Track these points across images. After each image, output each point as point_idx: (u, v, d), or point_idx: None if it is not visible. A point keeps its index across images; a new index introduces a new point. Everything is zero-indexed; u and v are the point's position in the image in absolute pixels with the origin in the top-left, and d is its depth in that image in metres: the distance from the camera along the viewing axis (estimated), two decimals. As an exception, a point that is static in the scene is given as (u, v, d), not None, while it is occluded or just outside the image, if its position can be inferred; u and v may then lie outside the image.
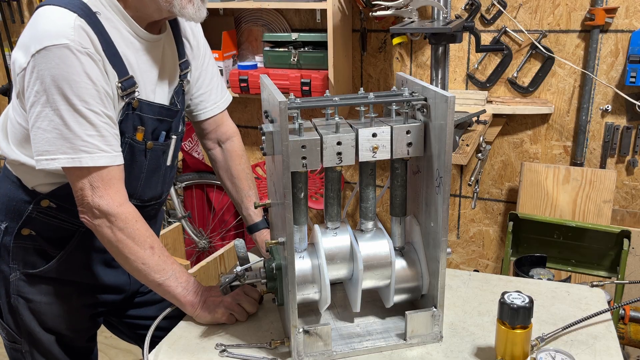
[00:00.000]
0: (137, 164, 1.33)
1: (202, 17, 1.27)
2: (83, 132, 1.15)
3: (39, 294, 1.39)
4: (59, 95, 1.13)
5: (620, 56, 2.34)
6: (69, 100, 1.13)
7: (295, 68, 2.66)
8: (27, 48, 1.13)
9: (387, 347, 1.19)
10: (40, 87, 1.13)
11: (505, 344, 1.11)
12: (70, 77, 1.13)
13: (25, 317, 1.40)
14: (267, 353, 1.20)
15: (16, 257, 1.36)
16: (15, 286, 1.38)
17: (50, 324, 1.42)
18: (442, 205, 1.11)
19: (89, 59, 1.14)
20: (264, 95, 1.22)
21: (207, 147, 1.59)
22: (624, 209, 2.50)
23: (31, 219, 1.33)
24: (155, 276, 1.24)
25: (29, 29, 1.17)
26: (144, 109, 1.29)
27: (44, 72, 1.12)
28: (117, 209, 1.19)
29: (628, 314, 1.96)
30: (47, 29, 1.13)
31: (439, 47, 2.14)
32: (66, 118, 1.14)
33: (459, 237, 2.89)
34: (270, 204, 1.29)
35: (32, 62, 1.12)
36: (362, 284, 1.20)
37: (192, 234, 3.11)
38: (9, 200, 1.35)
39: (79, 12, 1.15)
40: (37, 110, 1.14)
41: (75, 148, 1.15)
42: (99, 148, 1.17)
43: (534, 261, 1.84)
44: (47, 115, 1.14)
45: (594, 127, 2.47)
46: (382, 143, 1.12)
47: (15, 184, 1.34)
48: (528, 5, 2.43)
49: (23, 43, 1.16)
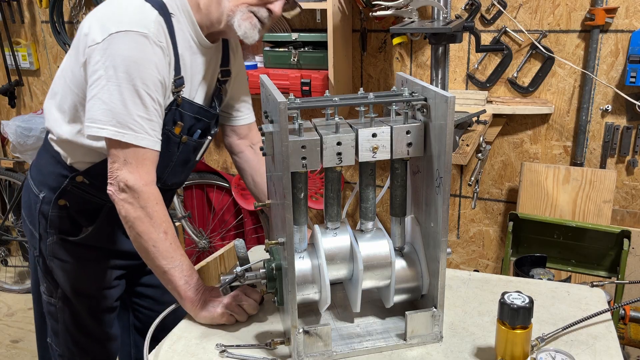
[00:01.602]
0: (169, 153, 1.44)
1: (254, 39, 1.39)
2: (136, 111, 1.25)
3: (70, 257, 1.52)
4: (125, 74, 1.23)
5: (620, 56, 2.34)
6: (133, 81, 1.24)
7: (295, 68, 2.66)
8: (106, 26, 1.25)
9: (387, 347, 1.19)
10: (110, 63, 1.23)
11: (505, 344, 1.11)
12: (140, 61, 1.24)
13: (59, 278, 1.54)
14: (267, 353, 1.20)
15: (52, 225, 1.50)
16: (51, 249, 1.52)
17: (80, 285, 1.55)
18: (442, 206, 1.11)
19: (160, 52, 1.27)
20: (263, 96, 1.22)
21: (237, 150, 1.69)
22: (624, 209, 2.50)
23: (66, 191, 1.46)
24: (162, 262, 1.28)
25: (109, 10, 1.29)
26: (186, 107, 1.40)
27: (118, 51, 1.23)
28: (142, 187, 1.27)
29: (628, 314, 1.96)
30: (130, 15, 1.26)
31: (439, 47, 2.14)
32: (125, 95, 1.24)
33: (459, 237, 2.89)
34: (270, 204, 1.29)
35: (109, 39, 1.23)
36: (362, 284, 1.20)
37: (192, 234, 3.11)
38: (49, 173, 1.49)
39: (160, 10, 1.29)
40: (102, 83, 1.24)
41: (124, 124, 1.24)
42: (144, 130, 1.27)
43: (534, 261, 1.84)
44: (109, 89, 1.24)
45: (594, 127, 2.47)
46: (382, 143, 1.12)
47: (54, 158, 1.47)
48: (528, 5, 2.43)
49: (101, 21, 1.27)
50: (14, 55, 3.46)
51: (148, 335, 1.22)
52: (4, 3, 3.37)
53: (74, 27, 3.28)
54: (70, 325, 1.59)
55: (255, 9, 1.36)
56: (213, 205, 3.13)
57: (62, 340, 1.60)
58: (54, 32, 3.24)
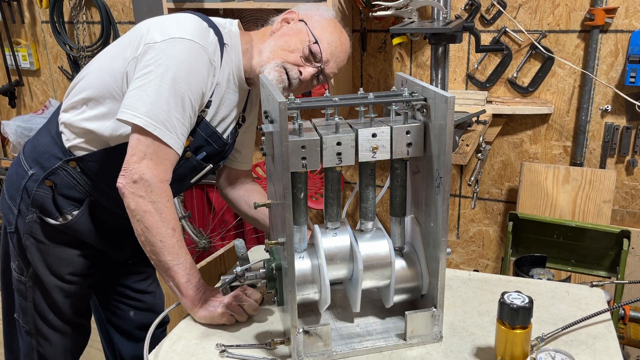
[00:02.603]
0: None
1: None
2: (174, 111, 1.29)
3: (47, 238, 1.53)
4: (175, 75, 1.29)
5: (620, 56, 2.34)
6: (180, 84, 1.29)
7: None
8: (167, 31, 1.33)
9: (387, 347, 1.19)
10: (164, 62, 1.29)
11: (505, 344, 1.11)
12: (192, 69, 1.32)
13: (33, 256, 1.54)
14: (267, 353, 1.20)
15: (35, 203, 1.50)
16: (29, 227, 1.52)
17: (55, 267, 1.55)
18: (442, 205, 1.11)
19: (212, 69, 1.37)
20: (263, 95, 1.22)
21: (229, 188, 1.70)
22: (624, 209, 2.50)
23: (56, 172, 1.47)
24: (167, 257, 1.28)
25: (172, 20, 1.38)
26: (202, 126, 1.44)
27: (175, 53, 1.30)
28: (158, 182, 1.28)
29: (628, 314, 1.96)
30: (194, 30, 1.35)
31: (438, 47, 2.14)
32: (169, 94, 1.28)
33: (458, 237, 2.89)
34: (270, 204, 1.30)
35: (169, 41, 1.31)
36: (362, 284, 1.20)
37: (192, 234, 3.11)
38: (43, 152, 1.50)
39: (219, 37, 1.41)
40: (150, 78, 1.29)
41: (159, 118, 1.27)
42: (175, 131, 1.30)
43: (533, 261, 1.84)
44: (156, 84, 1.28)
45: (594, 127, 2.47)
46: (382, 143, 1.12)
47: (53, 138, 1.50)
48: (528, 6, 2.43)
49: (162, 26, 1.36)
50: (14, 55, 3.46)
51: (148, 335, 1.22)
52: (4, 3, 3.38)
53: (74, 27, 3.28)
54: (40, 304, 1.59)
55: (289, 66, 1.44)
56: (213, 205, 3.13)
57: (30, 318, 1.60)
58: (54, 32, 3.24)
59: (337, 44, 1.48)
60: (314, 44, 1.43)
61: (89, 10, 3.24)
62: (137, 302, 1.81)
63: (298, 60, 1.44)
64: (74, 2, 3.20)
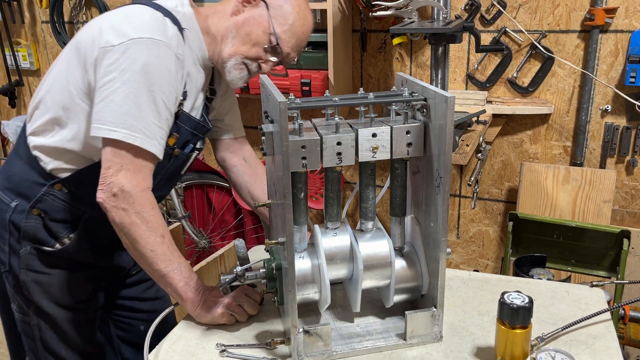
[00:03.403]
0: (159, 166, 1.38)
1: (237, 86, 1.46)
2: (151, 117, 1.24)
3: (47, 267, 1.45)
4: (144, 79, 1.22)
5: (620, 56, 2.34)
6: (150, 86, 1.23)
7: (295, 68, 2.66)
8: (123, 31, 1.24)
9: (387, 347, 1.19)
10: (128, 67, 1.22)
11: (505, 344, 1.11)
12: (160, 69, 1.24)
13: (33, 291, 1.45)
14: (267, 353, 1.20)
15: (26, 235, 1.42)
16: (25, 261, 1.44)
17: (58, 296, 1.47)
18: (442, 205, 1.11)
19: (180, 65, 1.30)
20: (264, 95, 1.22)
21: (230, 164, 1.67)
22: (624, 209, 2.50)
23: (42, 200, 1.39)
24: (161, 265, 1.26)
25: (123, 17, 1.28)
26: (184, 120, 1.40)
27: (138, 55, 1.22)
28: (139, 192, 1.24)
29: (628, 314, 1.96)
30: (152, 25, 1.27)
31: (438, 47, 2.14)
32: (141, 100, 1.22)
33: (458, 237, 2.89)
34: (270, 204, 1.30)
35: (128, 44, 1.22)
36: (362, 284, 1.20)
37: (192, 234, 3.11)
38: (22, 181, 1.42)
39: (178, 25, 1.32)
40: (116, 85, 1.22)
41: (137, 128, 1.22)
42: (155, 136, 1.26)
43: (533, 261, 1.84)
44: (124, 92, 1.21)
45: (594, 127, 2.47)
46: (382, 143, 1.12)
47: (27, 164, 1.41)
48: (528, 6, 2.43)
49: (116, 26, 1.26)
50: (14, 55, 3.46)
51: (148, 336, 1.22)
52: (4, 3, 3.38)
53: (74, 27, 3.28)
54: (49, 340, 1.51)
55: (249, 62, 1.41)
56: (213, 205, 3.13)
57: (42, 358, 1.53)
58: (54, 32, 3.24)
59: (300, 32, 1.42)
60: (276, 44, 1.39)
61: (89, 10, 3.24)
62: (147, 313, 1.72)
63: (259, 53, 1.40)
64: (74, 2, 3.20)
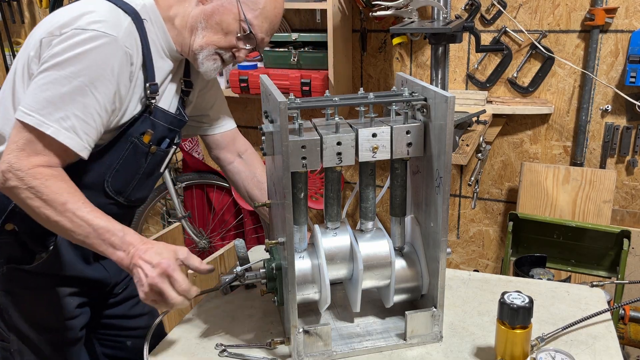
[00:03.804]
0: (136, 165, 1.35)
1: (211, 77, 1.41)
2: (72, 108, 1.16)
3: (26, 288, 1.37)
4: (77, 70, 1.15)
5: (620, 56, 2.34)
6: (81, 78, 1.16)
7: (295, 68, 2.66)
8: (68, 23, 1.18)
9: (387, 347, 1.19)
10: (62, 56, 1.16)
11: (505, 344, 1.11)
12: (97, 62, 1.17)
13: (13, 314, 1.38)
14: (267, 353, 1.20)
15: (2, 254, 1.34)
16: (2, 282, 1.36)
17: (38, 317, 1.40)
18: (442, 205, 1.11)
19: (126, 60, 1.21)
20: (264, 95, 1.22)
21: (226, 161, 1.62)
22: (624, 209, 2.50)
23: (15, 213, 1.29)
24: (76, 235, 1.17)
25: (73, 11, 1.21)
26: (158, 115, 1.35)
27: (75, 46, 1.16)
28: (30, 168, 1.14)
29: (628, 314, 1.96)
30: (101, 17, 1.19)
31: (439, 47, 2.14)
32: (67, 89, 1.15)
33: (459, 237, 2.89)
34: (270, 204, 1.30)
35: (70, 33, 1.16)
36: (362, 284, 1.20)
37: (192, 234, 3.11)
38: None
39: (132, 16, 1.24)
40: (48, 73, 1.16)
41: (54, 117, 1.15)
42: (74, 129, 1.17)
43: (534, 261, 1.84)
44: (52, 78, 1.15)
45: (594, 127, 2.47)
46: (382, 143, 1.12)
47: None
48: (528, 6, 2.43)
49: (63, 19, 1.20)
50: (14, 56, 3.46)
51: (148, 336, 1.22)
52: (4, 3, 3.38)
53: (74, 27, 3.28)
54: None
55: (222, 52, 1.36)
56: (213, 205, 3.13)
57: None
58: (54, 32, 3.24)
59: (272, 15, 1.37)
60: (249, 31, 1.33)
61: (89, 10, 3.24)
62: (135, 330, 1.63)
63: (232, 42, 1.35)
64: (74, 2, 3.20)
